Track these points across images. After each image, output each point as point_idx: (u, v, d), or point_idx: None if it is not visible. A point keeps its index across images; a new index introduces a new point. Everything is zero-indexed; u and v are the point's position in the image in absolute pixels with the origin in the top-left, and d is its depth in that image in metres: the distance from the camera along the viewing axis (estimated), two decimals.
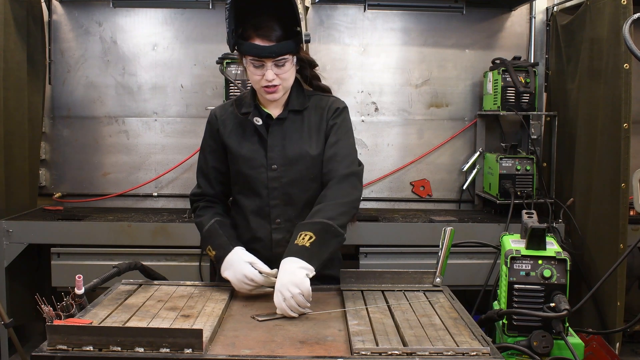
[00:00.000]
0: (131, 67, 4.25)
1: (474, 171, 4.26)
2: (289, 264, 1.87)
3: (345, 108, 2.21)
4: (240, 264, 1.99)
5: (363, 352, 1.51)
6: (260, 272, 1.98)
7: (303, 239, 1.91)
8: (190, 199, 2.31)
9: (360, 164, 2.16)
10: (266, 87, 2.06)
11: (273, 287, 1.88)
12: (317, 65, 2.25)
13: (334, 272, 2.19)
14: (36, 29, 3.94)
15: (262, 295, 2.02)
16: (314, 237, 1.91)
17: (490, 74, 4.08)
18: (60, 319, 1.65)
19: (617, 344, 3.32)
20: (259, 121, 2.14)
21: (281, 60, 2.03)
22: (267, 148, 2.12)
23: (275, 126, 2.14)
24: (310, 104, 2.18)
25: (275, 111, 2.17)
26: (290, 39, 2.04)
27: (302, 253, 1.88)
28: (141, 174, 4.30)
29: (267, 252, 2.12)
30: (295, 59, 2.09)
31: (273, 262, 2.01)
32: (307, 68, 2.20)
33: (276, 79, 2.04)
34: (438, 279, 2.08)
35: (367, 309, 1.86)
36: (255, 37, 2.01)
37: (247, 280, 1.97)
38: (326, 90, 2.27)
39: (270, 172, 2.12)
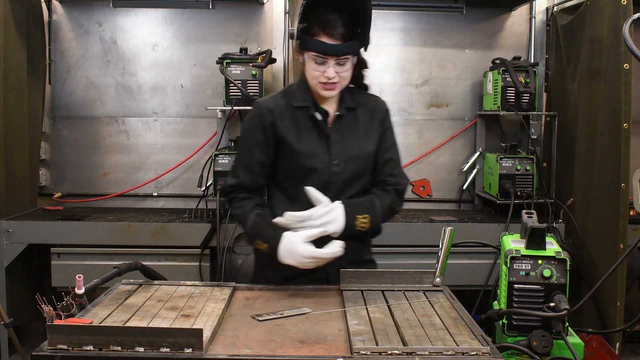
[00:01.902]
0: (131, 67, 4.25)
1: (474, 171, 4.26)
2: (349, 221, 2.06)
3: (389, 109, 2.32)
4: (296, 247, 2.02)
5: (363, 352, 1.51)
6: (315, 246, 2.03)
7: (362, 222, 2.11)
8: (225, 189, 2.27)
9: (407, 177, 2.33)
10: (324, 83, 2.10)
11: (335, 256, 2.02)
12: (368, 67, 2.30)
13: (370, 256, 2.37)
14: (36, 29, 3.94)
15: (262, 295, 2.03)
16: (365, 228, 2.13)
17: (490, 74, 4.08)
18: (60, 318, 1.65)
19: (617, 344, 3.32)
20: (319, 116, 2.17)
21: (343, 59, 2.08)
22: (330, 144, 2.16)
23: (335, 123, 2.19)
24: (361, 102, 2.25)
25: (329, 107, 2.20)
26: (355, 39, 2.08)
27: (353, 232, 2.10)
28: (141, 174, 4.30)
29: (317, 244, 2.12)
30: (355, 59, 2.14)
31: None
32: (359, 68, 2.25)
33: (336, 76, 2.09)
34: (438, 279, 2.08)
35: (367, 308, 1.86)
36: (321, 35, 2.05)
37: (308, 260, 2.01)
38: (366, 88, 2.34)
39: (334, 167, 2.16)
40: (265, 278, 2.22)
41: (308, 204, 2.13)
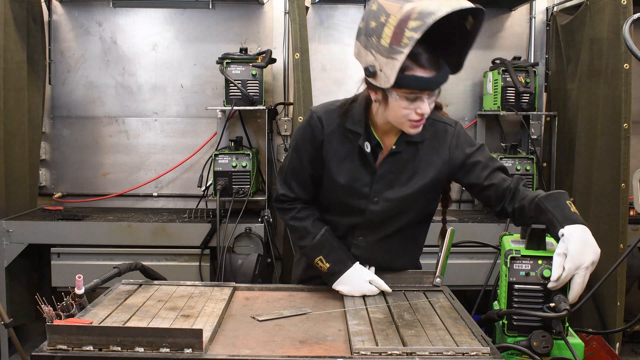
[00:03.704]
0: (131, 67, 4.25)
1: None
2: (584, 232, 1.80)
3: (482, 145, 2.05)
4: (361, 283, 1.99)
5: (363, 352, 1.51)
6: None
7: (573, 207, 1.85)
8: (279, 198, 2.12)
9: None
10: (415, 121, 1.84)
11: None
12: None
13: None
14: (36, 29, 3.94)
15: (262, 295, 2.02)
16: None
17: (490, 74, 4.08)
18: (60, 318, 1.65)
19: (617, 344, 3.32)
20: (368, 147, 1.96)
21: (436, 90, 1.83)
22: (375, 179, 1.98)
23: (389, 157, 1.98)
24: (427, 134, 1.99)
25: (387, 138, 1.98)
26: (445, 65, 1.81)
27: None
28: (141, 174, 4.30)
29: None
30: None
31: None
32: None
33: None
34: (438, 279, 2.07)
35: (367, 309, 1.86)
36: (415, 68, 1.75)
37: (360, 294, 1.98)
38: (439, 108, 2.08)
39: (372, 204, 2.00)
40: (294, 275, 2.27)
41: (336, 226, 2.07)
